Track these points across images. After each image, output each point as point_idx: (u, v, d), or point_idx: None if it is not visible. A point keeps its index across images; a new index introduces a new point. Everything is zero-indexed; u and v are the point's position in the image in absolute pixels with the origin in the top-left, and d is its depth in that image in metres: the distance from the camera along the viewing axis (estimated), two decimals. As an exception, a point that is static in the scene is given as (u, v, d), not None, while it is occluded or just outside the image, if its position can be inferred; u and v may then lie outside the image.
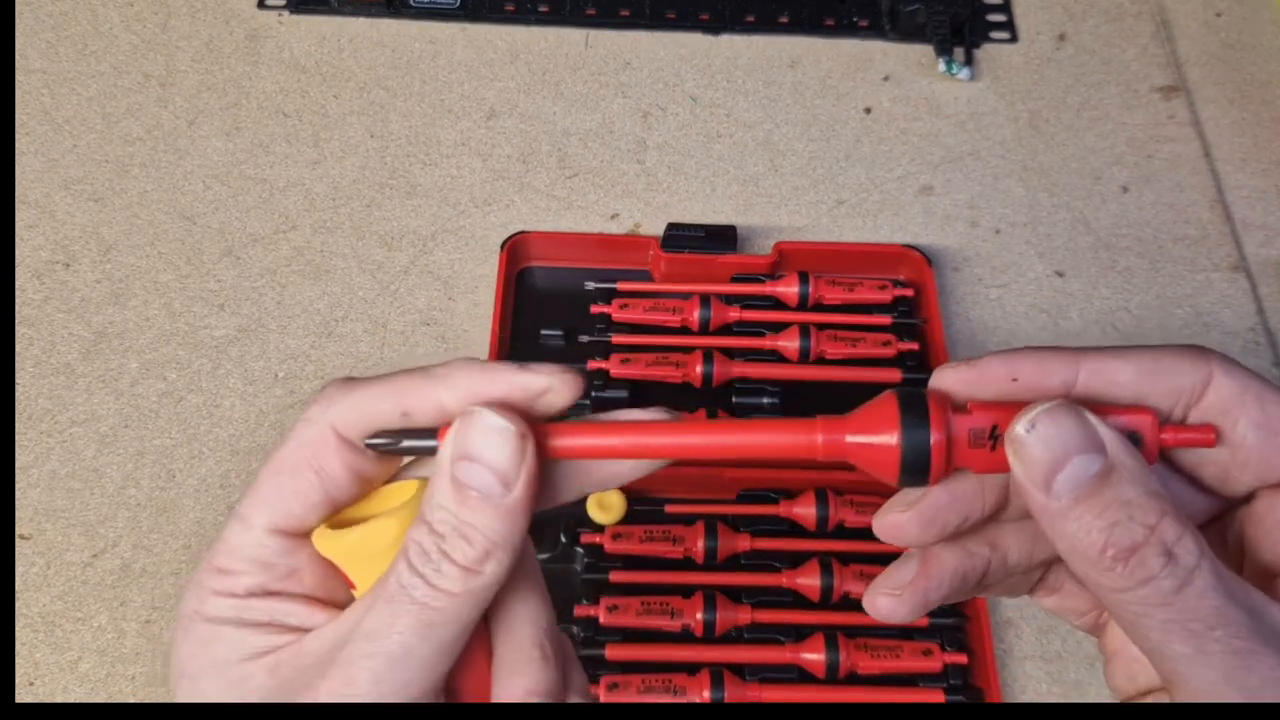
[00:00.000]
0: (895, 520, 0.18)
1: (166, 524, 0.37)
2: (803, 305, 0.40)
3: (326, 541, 0.17)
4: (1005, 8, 0.51)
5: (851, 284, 0.40)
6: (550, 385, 0.17)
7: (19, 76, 0.47)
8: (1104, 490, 0.15)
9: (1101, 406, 0.17)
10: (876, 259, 0.42)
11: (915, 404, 0.17)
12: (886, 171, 0.46)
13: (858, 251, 0.42)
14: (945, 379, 0.18)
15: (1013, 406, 0.17)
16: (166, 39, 0.49)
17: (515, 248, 0.42)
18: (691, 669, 0.33)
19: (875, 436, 0.17)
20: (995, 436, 0.17)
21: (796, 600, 0.35)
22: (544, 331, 0.40)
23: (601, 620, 0.33)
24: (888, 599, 0.18)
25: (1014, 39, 0.50)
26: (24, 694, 0.34)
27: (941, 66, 0.48)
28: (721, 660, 0.33)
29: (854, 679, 0.33)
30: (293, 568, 0.17)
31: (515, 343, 0.40)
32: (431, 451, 0.17)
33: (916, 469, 0.17)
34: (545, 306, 0.41)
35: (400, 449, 0.17)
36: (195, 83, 0.47)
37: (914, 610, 0.18)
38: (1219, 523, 0.19)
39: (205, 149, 0.45)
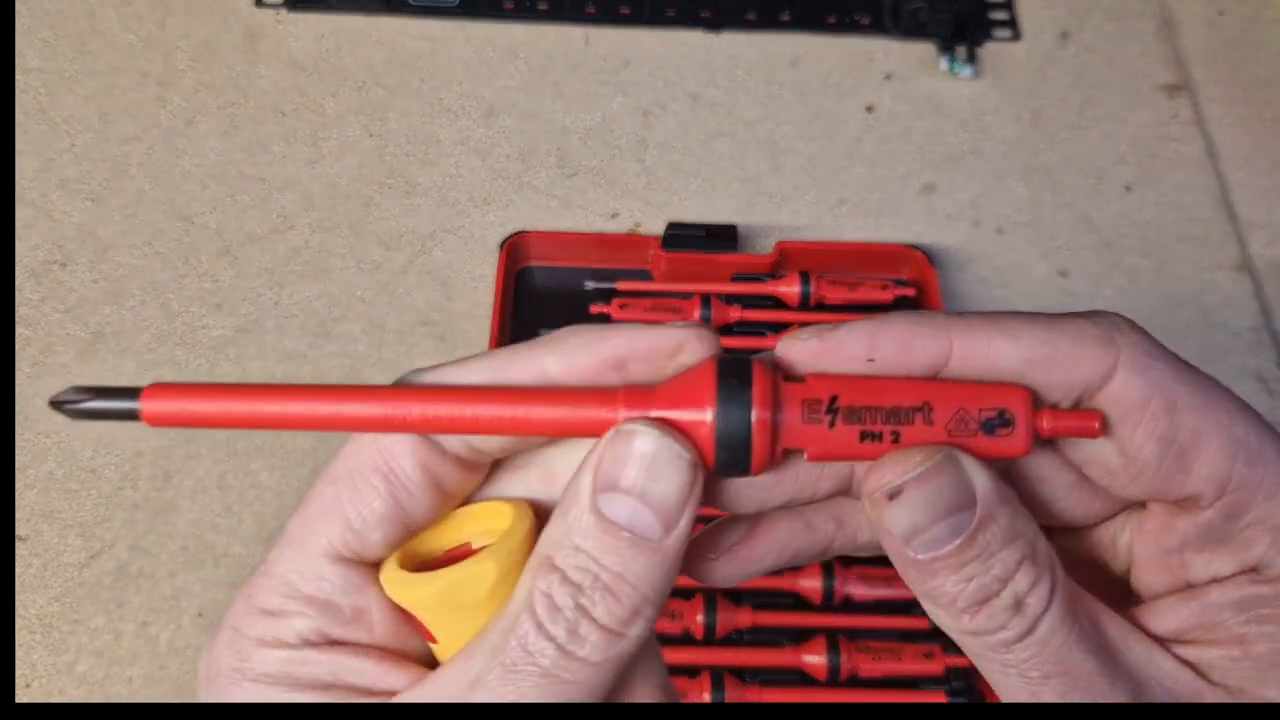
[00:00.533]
0: (701, 567, 0.16)
1: (163, 525, 0.36)
2: (804, 305, 0.40)
3: (403, 586, 0.14)
4: (1008, 6, 0.51)
5: (853, 284, 0.40)
6: (683, 342, 0.14)
7: (15, 75, 0.47)
8: (967, 550, 0.14)
9: (966, 384, 0.14)
10: (878, 258, 0.42)
11: (736, 372, 0.14)
12: (888, 170, 0.46)
13: (859, 251, 0.42)
14: (791, 351, 0.15)
15: (859, 380, 0.14)
16: (164, 37, 0.48)
17: (514, 247, 0.41)
18: (692, 672, 0.33)
19: (685, 412, 0.14)
20: (835, 410, 0.14)
21: (798, 603, 0.34)
22: (543, 332, 0.40)
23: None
24: (702, 561, 0.16)
25: (1017, 37, 0.50)
26: (21, 696, 0.33)
27: (944, 65, 0.48)
28: (722, 663, 0.33)
29: (855, 682, 0.33)
30: (359, 608, 0.14)
31: (515, 343, 0.40)
32: (131, 415, 0.13)
33: (735, 455, 0.14)
34: (545, 306, 0.41)
35: (85, 409, 0.13)
36: (193, 81, 0.47)
37: (729, 578, 0.17)
38: (1110, 525, 0.17)
39: (203, 148, 0.45)
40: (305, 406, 0.14)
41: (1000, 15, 0.50)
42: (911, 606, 0.34)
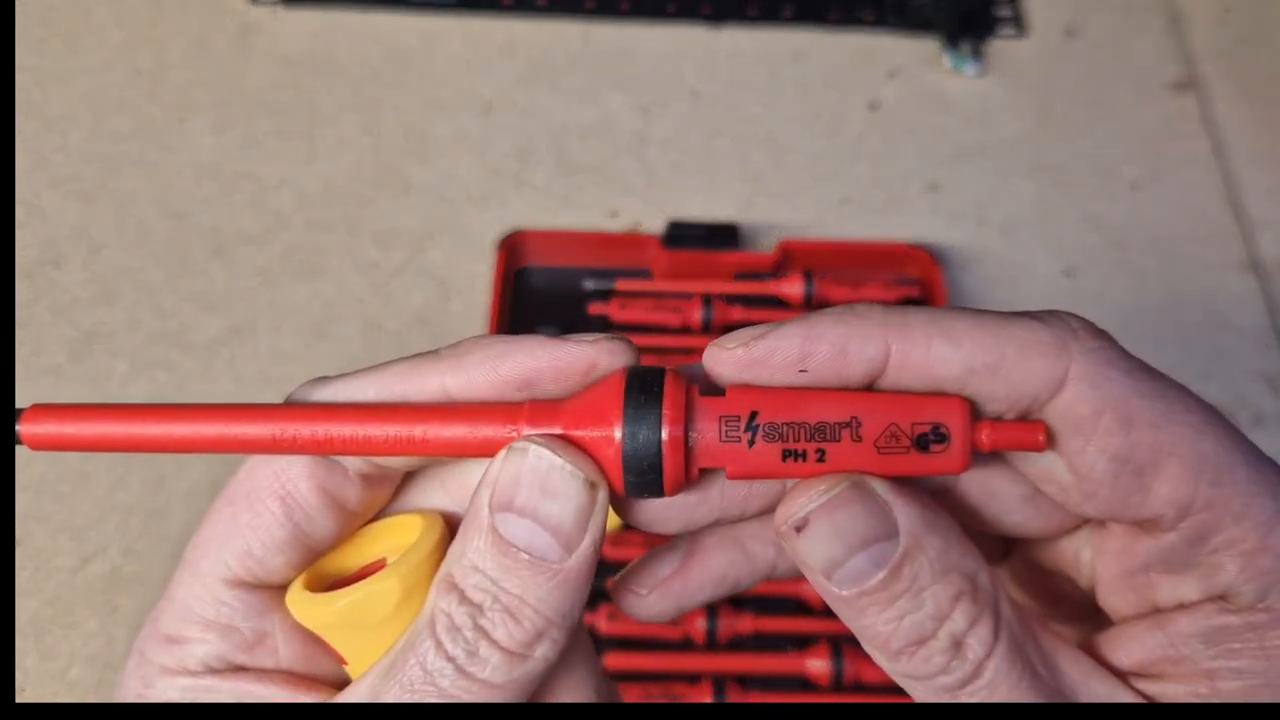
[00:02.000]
0: (630, 603, 0.15)
1: (156, 529, 0.36)
2: (807, 304, 0.40)
3: (306, 608, 0.13)
4: (1013, 2, 0.50)
5: (857, 283, 0.40)
6: (594, 360, 0.13)
7: (7, 71, 0.46)
8: (893, 583, 0.13)
9: (898, 396, 0.13)
10: (882, 257, 0.41)
11: (646, 383, 0.13)
12: (892, 168, 0.45)
13: (863, 250, 0.41)
14: (718, 364, 0.14)
15: (782, 393, 0.13)
16: (157, 34, 0.48)
17: (512, 246, 0.41)
18: (693, 678, 0.32)
19: (591, 430, 0.13)
20: (755, 427, 0.13)
21: (800, 608, 0.34)
22: (542, 332, 0.39)
23: (601, 628, 0.33)
24: (631, 596, 0.16)
25: (1022, 33, 0.49)
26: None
27: (948, 61, 0.47)
28: (723, 669, 0.32)
29: (859, 687, 0.32)
30: (262, 632, 0.14)
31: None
32: (15, 440, 0.13)
33: (645, 474, 0.13)
34: (543, 306, 0.40)
35: None
36: (186, 78, 0.46)
37: (662, 614, 0.16)
38: (1073, 537, 0.16)
39: (196, 146, 0.45)
40: (190, 428, 0.13)
41: (1005, 11, 0.50)
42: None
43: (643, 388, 0.13)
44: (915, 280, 0.41)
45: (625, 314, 0.39)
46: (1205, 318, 0.42)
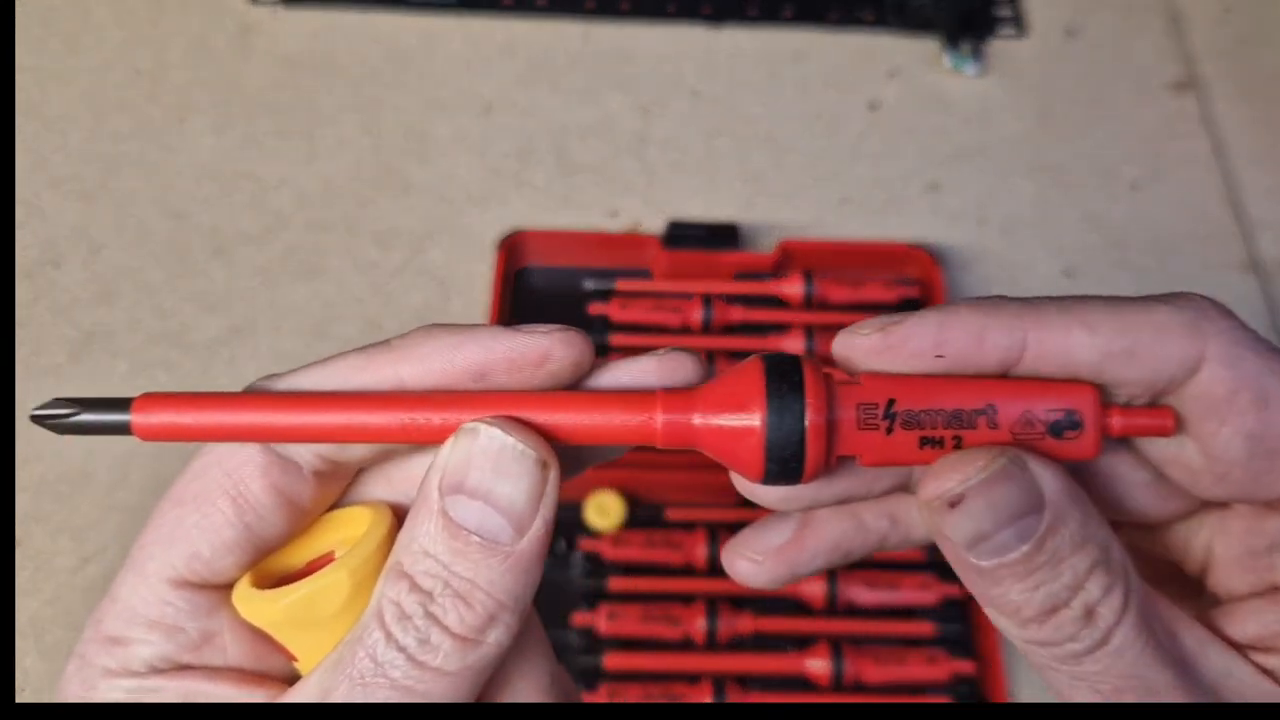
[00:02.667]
0: (746, 570, 0.15)
1: (156, 529, 0.36)
2: (807, 304, 0.40)
3: (253, 605, 0.13)
4: (1013, 2, 0.50)
5: (857, 283, 0.40)
6: (549, 350, 0.13)
7: (6, 71, 0.46)
8: (1035, 556, 0.13)
9: (1031, 382, 0.13)
10: (882, 257, 0.41)
11: (786, 373, 0.13)
12: (892, 168, 0.45)
13: (863, 250, 0.41)
14: (851, 349, 0.14)
15: (917, 381, 0.13)
16: (157, 34, 0.48)
17: (512, 246, 0.41)
18: (693, 678, 0.32)
19: (732, 417, 0.13)
20: (893, 415, 0.13)
21: (800, 608, 0.34)
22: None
23: (600, 628, 0.33)
24: (747, 564, 0.16)
25: (1022, 33, 0.49)
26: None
27: (948, 61, 0.47)
28: (723, 669, 0.32)
29: (859, 687, 0.32)
30: (208, 631, 0.13)
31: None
32: (122, 429, 0.13)
33: (786, 462, 0.13)
34: (543, 306, 0.40)
35: (74, 424, 0.12)
36: (186, 78, 0.46)
37: (775, 581, 0.16)
38: (1187, 522, 0.16)
39: (196, 146, 0.44)
40: (313, 417, 0.13)
41: (1005, 11, 0.50)
42: (915, 611, 0.34)
43: (782, 376, 0.13)
44: (915, 280, 0.41)
45: (625, 314, 0.39)
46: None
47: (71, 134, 0.45)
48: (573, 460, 0.14)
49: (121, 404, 0.13)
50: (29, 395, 0.38)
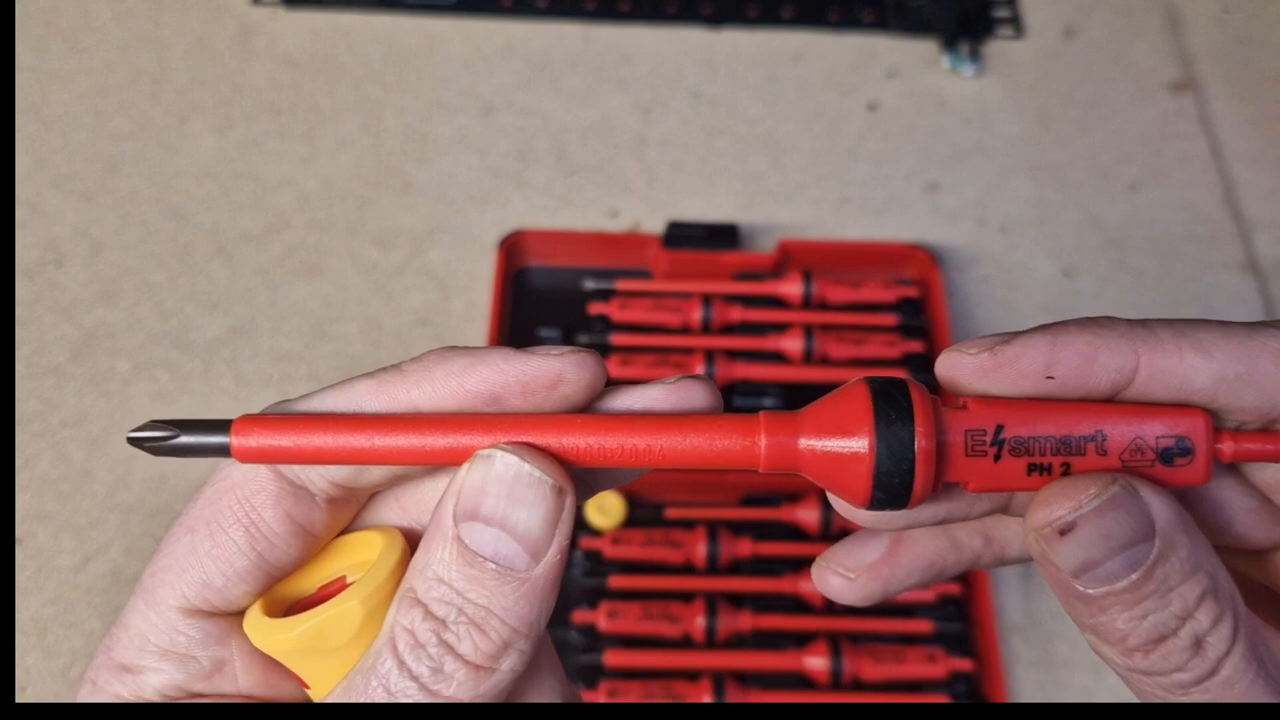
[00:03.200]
0: (839, 586, 0.15)
1: (158, 528, 0.36)
2: (806, 305, 0.40)
3: (264, 633, 0.13)
4: (1011, 2, 0.50)
5: (856, 283, 0.40)
6: (561, 373, 0.13)
7: (8, 71, 0.46)
8: (1144, 585, 0.13)
9: (1140, 408, 0.13)
10: (881, 257, 0.41)
11: (894, 397, 0.13)
12: (892, 168, 0.45)
13: (862, 250, 0.41)
14: (957, 369, 0.13)
15: (1025, 406, 0.13)
16: (158, 34, 0.48)
17: (512, 246, 0.41)
18: (692, 675, 0.32)
19: (839, 441, 0.13)
20: (1001, 441, 0.13)
21: (799, 606, 0.34)
22: (542, 332, 0.40)
23: (601, 626, 0.33)
24: (839, 579, 0.16)
25: (1020, 34, 0.49)
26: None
27: (947, 62, 0.48)
28: (723, 666, 0.33)
29: (858, 685, 0.33)
30: (220, 659, 0.13)
31: (512, 344, 0.39)
32: (222, 451, 0.13)
33: (893, 489, 0.13)
34: (543, 306, 0.41)
35: (172, 447, 0.12)
36: (187, 78, 0.46)
37: (868, 598, 0.16)
38: None
39: (197, 146, 0.45)
40: (417, 440, 0.13)
41: (1004, 12, 0.50)
42: (914, 609, 0.34)
43: (890, 401, 0.13)
44: (914, 280, 0.41)
45: (625, 314, 0.39)
46: (1203, 317, 0.42)
47: (73, 134, 0.45)
48: (586, 486, 0.14)
49: (220, 426, 0.13)
50: (32, 394, 0.38)
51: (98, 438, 0.38)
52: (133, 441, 0.13)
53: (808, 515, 0.35)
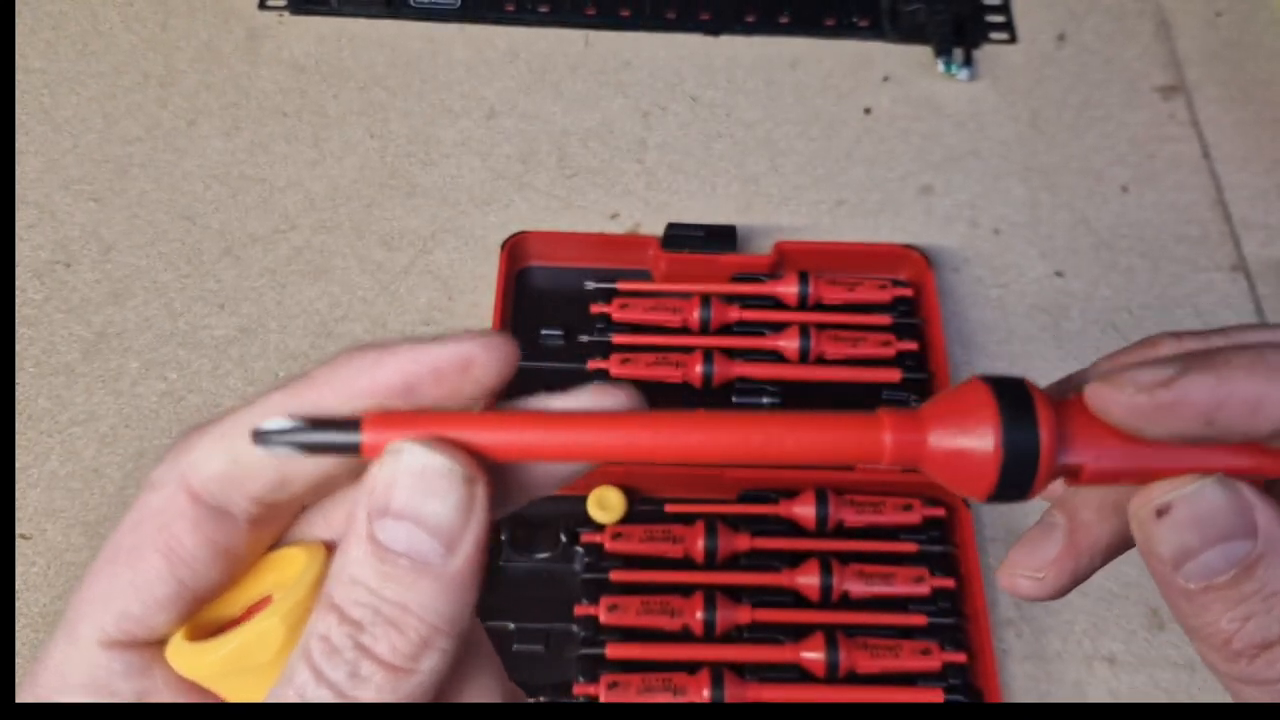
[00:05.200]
0: (1030, 588, 0.15)
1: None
2: (803, 305, 0.40)
3: (187, 659, 0.13)
4: (1005, 8, 0.51)
5: (851, 284, 0.40)
6: (471, 357, 0.13)
7: (18, 76, 0.47)
8: (1243, 582, 0.13)
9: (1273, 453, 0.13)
10: (876, 259, 0.42)
11: (1016, 396, 0.13)
12: (887, 171, 0.46)
13: (858, 251, 0.42)
14: (1111, 406, 0.13)
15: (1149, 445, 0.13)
16: (166, 38, 0.49)
17: (515, 247, 0.42)
18: (691, 668, 0.33)
19: (966, 438, 0.13)
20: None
21: (796, 600, 0.35)
22: (544, 331, 0.40)
23: (602, 619, 0.33)
24: (1028, 581, 0.16)
25: (1014, 39, 0.50)
26: (24, 694, 0.34)
27: (941, 66, 0.48)
28: (721, 659, 0.33)
29: (853, 678, 0.33)
30: (144, 690, 0.13)
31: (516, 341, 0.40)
32: (351, 449, 0.12)
33: (1014, 484, 0.13)
34: (545, 306, 0.41)
35: (298, 443, 0.12)
36: (195, 82, 0.47)
37: (1059, 590, 0.16)
38: None
39: (205, 149, 0.45)
40: (557, 436, 0.13)
41: (997, 17, 0.51)
42: (909, 603, 0.35)
43: (1012, 399, 0.13)
44: (908, 281, 0.41)
45: (625, 314, 0.40)
46: (1194, 318, 0.43)
47: (83, 137, 0.45)
48: (518, 490, 0.14)
49: (350, 424, 0.12)
50: (42, 392, 0.39)
51: (107, 435, 0.38)
52: (258, 437, 0.12)
53: (804, 511, 0.36)
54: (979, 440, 0.13)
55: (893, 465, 0.14)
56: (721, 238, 0.41)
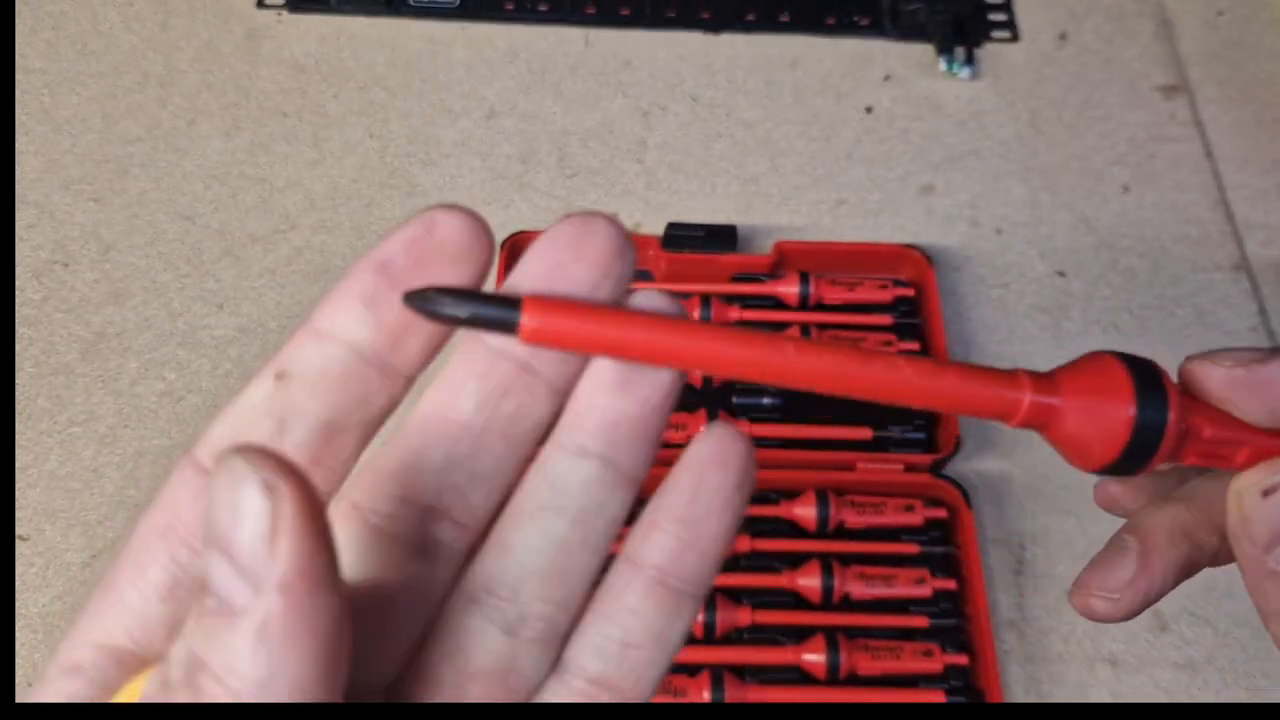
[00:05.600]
0: (1104, 609, 0.16)
1: (166, 524, 0.36)
2: (803, 305, 0.40)
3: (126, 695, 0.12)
4: (1006, 7, 0.51)
5: (852, 284, 0.40)
6: (433, 218, 0.12)
7: (18, 76, 0.47)
8: None
9: None
10: (877, 258, 0.42)
11: (1148, 374, 0.14)
12: (887, 171, 0.46)
13: (858, 251, 0.42)
14: (1208, 377, 0.14)
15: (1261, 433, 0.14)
16: (166, 38, 0.48)
17: (515, 247, 0.41)
18: (691, 670, 0.33)
19: (1103, 405, 0.14)
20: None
21: (797, 601, 0.35)
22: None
23: (601, 621, 0.33)
24: (1104, 603, 0.16)
25: (1015, 38, 0.50)
26: (20, 696, 0.34)
27: (942, 66, 0.48)
28: (721, 661, 0.33)
29: (854, 680, 0.33)
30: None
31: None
32: (512, 328, 0.12)
33: (1138, 455, 0.14)
34: (545, 306, 0.41)
35: (453, 316, 0.12)
36: (195, 82, 0.47)
37: (1132, 612, 0.16)
38: None
39: (204, 149, 0.45)
40: (701, 344, 0.13)
41: (998, 16, 0.51)
42: (909, 605, 0.34)
43: (1145, 376, 0.14)
44: (909, 281, 0.41)
45: (625, 314, 0.40)
46: (1196, 318, 0.42)
47: (82, 137, 0.45)
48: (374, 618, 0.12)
49: (512, 302, 0.12)
50: (41, 393, 0.39)
51: (106, 436, 0.38)
52: (409, 300, 0.12)
53: (805, 512, 0.36)
54: (1114, 409, 0.14)
55: (1022, 424, 0.14)
56: (722, 238, 0.41)
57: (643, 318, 0.13)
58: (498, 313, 0.12)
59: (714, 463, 0.13)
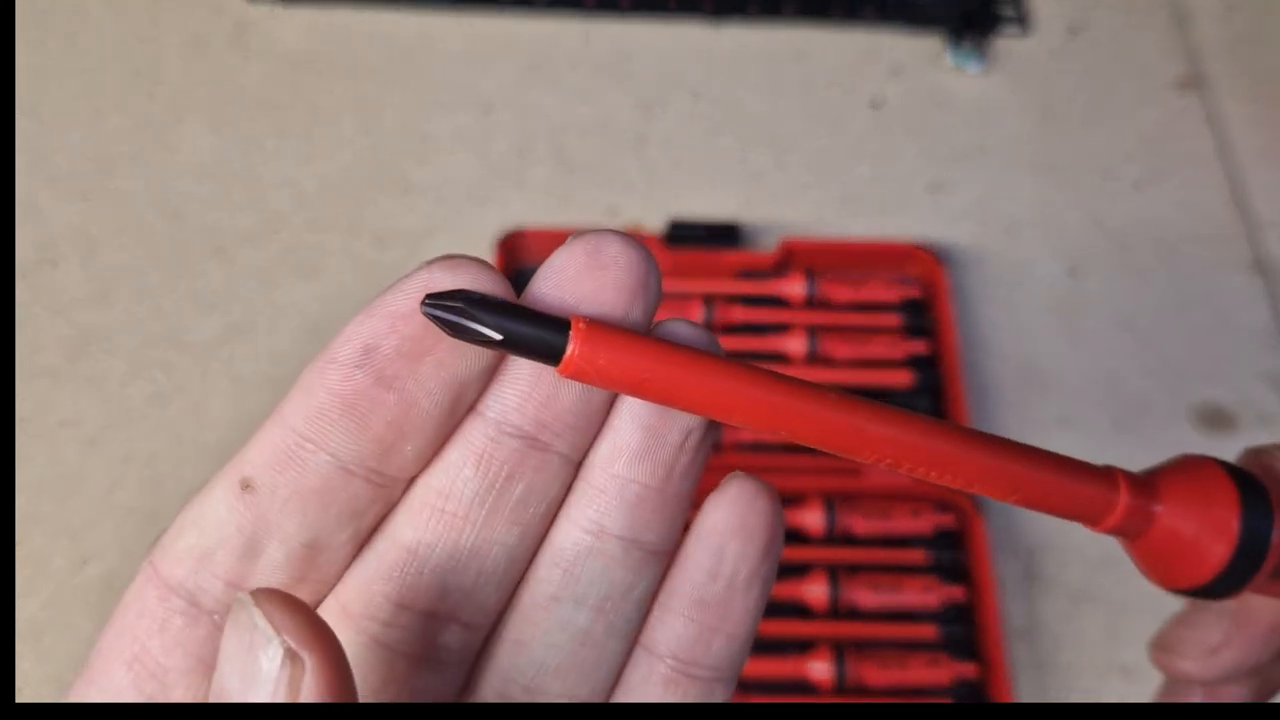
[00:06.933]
0: (1194, 670, 0.15)
1: (154, 530, 0.35)
2: (809, 304, 0.39)
3: None
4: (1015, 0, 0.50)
5: (859, 283, 0.39)
6: (429, 280, 0.10)
7: (4, 69, 0.46)
8: None
9: None
10: (884, 257, 0.41)
11: (1252, 486, 0.12)
12: (895, 167, 0.45)
13: (865, 249, 0.41)
14: None
15: None
16: (154, 32, 0.47)
17: (512, 245, 0.40)
18: (693, 681, 0.32)
19: (1205, 519, 0.12)
20: None
21: (802, 611, 0.34)
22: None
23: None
24: (1193, 665, 0.15)
25: (1025, 31, 0.49)
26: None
27: (951, 59, 0.47)
28: (724, 672, 0.32)
29: (861, 691, 0.32)
30: None
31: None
32: (555, 357, 0.10)
33: (1236, 579, 0.12)
34: (543, 306, 0.40)
35: (494, 340, 0.09)
36: (183, 77, 0.46)
37: (1227, 677, 0.15)
38: None
39: (194, 145, 0.44)
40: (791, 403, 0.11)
41: (1009, 9, 0.49)
42: (917, 615, 0.34)
43: (1251, 489, 0.12)
44: (917, 280, 0.40)
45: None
46: (1210, 318, 0.41)
47: (69, 133, 0.44)
48: None
49: (558, 324, 0.09)
50: (26, 395, 0.38)
51: (94, 439, 0.37)
52: (430, 308, 0.10)
53: (811, 519, 0.35)
54: (1218, 524, 0.12)
55: (1111, 529, 0.12)
56: (725, 235, 0.40)
57: (714, 363, 0.11)
58: (541, 335, 0.10)
59: (734, 531, 0.11)
